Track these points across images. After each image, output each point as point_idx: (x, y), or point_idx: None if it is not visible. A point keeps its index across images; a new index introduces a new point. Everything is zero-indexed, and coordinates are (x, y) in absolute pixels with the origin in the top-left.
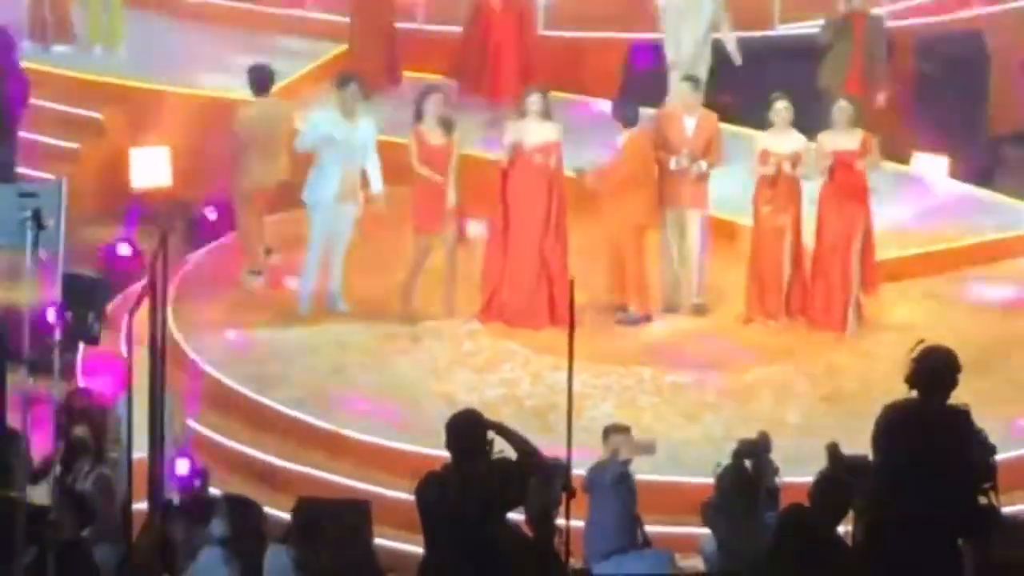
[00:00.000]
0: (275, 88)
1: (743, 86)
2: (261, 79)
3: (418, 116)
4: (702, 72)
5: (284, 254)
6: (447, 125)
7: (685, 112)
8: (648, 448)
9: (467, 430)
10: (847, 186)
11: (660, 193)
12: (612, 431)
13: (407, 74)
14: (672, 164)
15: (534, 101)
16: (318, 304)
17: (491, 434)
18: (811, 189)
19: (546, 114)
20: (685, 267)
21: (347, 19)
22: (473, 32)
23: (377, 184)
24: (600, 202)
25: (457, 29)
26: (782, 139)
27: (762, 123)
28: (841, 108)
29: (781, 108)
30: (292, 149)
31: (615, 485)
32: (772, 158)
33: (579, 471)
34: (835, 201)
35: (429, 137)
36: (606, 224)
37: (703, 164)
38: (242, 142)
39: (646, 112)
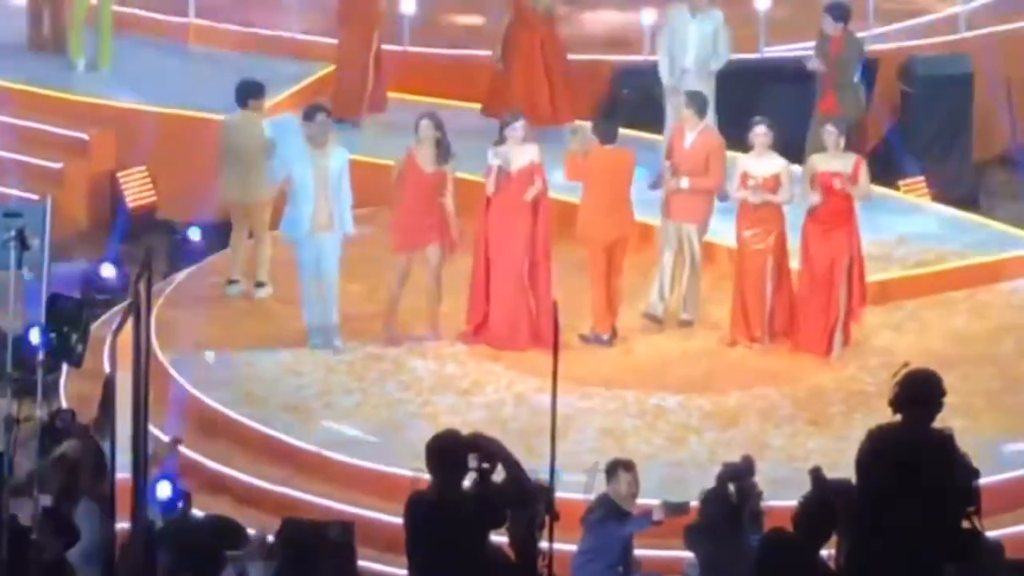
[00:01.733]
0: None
1: (729, 109)
2: (244, 92)
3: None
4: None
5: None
6: (444, 153)
7: (687, 127)
8: (683, 510)
9: (446, 451)
10: (835, 210)
11: (663, 206)
12: (622, 468)
13: (396, 95)
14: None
15: (518, 126)
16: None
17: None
18: (799, 212)
19: (528, 137)
20: (677, 281)
21: (334, 41)
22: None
23: (348, 224)
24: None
25: (443, 51)
26: (762, 162)
27: (747, 147)
28: (828, 132)
29: (760, 132)
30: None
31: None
32: (751, 181)
33: (562, 494)
34: (822, 224)
35: (422, 162)
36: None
37: (684, 180)
38: (220, 154)
39: (627, 134)
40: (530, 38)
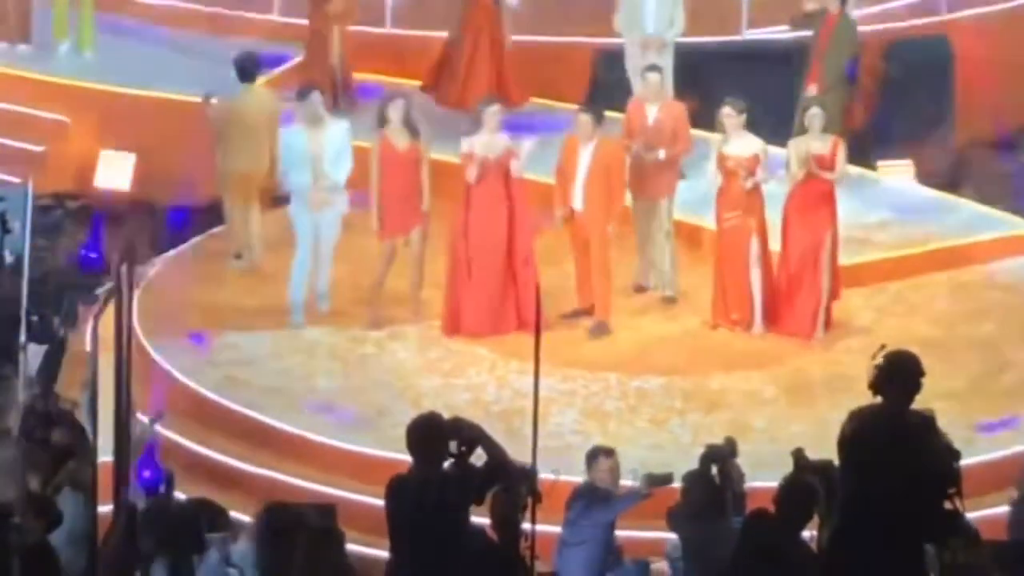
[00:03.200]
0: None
1: (711, 91)
2: (251, 67)
3: (382, 122)
4: (665, 64)
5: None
6: (413, 130)
7: (647, 101)
8: (666, 480)
9: (427, 433)
10: (815, 192)
11: (631, 186)
12: (602, 454)
13: (381, 78)
14: (631, 152)
15: (493, 111)
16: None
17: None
18: (779, 194)
19: (499, 126)
20: (655, 254)
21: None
22: (455, 43)
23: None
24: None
25: (423, 33)
26: (739, 143)
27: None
28: (812, 115)
29: (727, 112)
30: (274, 138)
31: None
32: (729, 162)
33: (545, 475)
34: (803, 207)
35: (395, 142)
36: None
37: (660, 152)
38: (217, 128)
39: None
40: (479, 18)
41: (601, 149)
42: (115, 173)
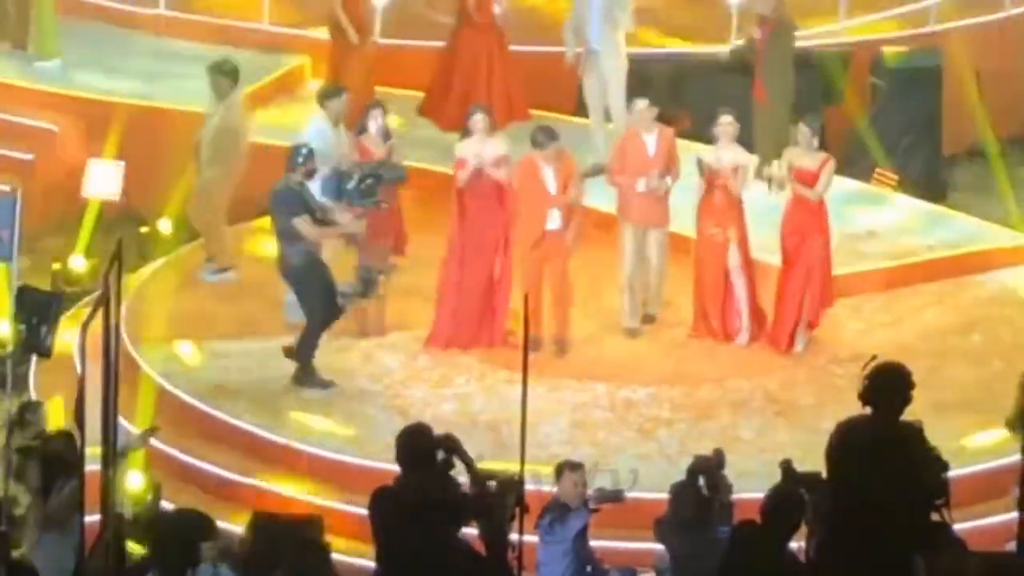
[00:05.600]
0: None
1: (699, 101)
2: (236, 74)
3: (360, 130)
4: (610, 71)
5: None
6: (385, 138)
7: (644, 131)
8: (617, 497)
9: (416, 444)
10: (803, 205)
11: (621, 211)
12: (567, 468)
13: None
14: (640, 186)
15: (479, 119)
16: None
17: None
18: (762, 204)
19: (491, 130)
20: (644, 283)
21: (299, 32)
22: (452, 65)
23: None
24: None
25: (405, 43)
26: (725, 153)
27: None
28: (801, 131)
29: (725, 122)
30: (245, 154)
31: (575, 538)
32: (712, 172)
33: (533, 487)
34: (792, 219)
35: (372, 150)
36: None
37: (669, 181)
38: (197, 142)
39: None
40: (476, 41)
41: (564, 165)
42: (104, 181)
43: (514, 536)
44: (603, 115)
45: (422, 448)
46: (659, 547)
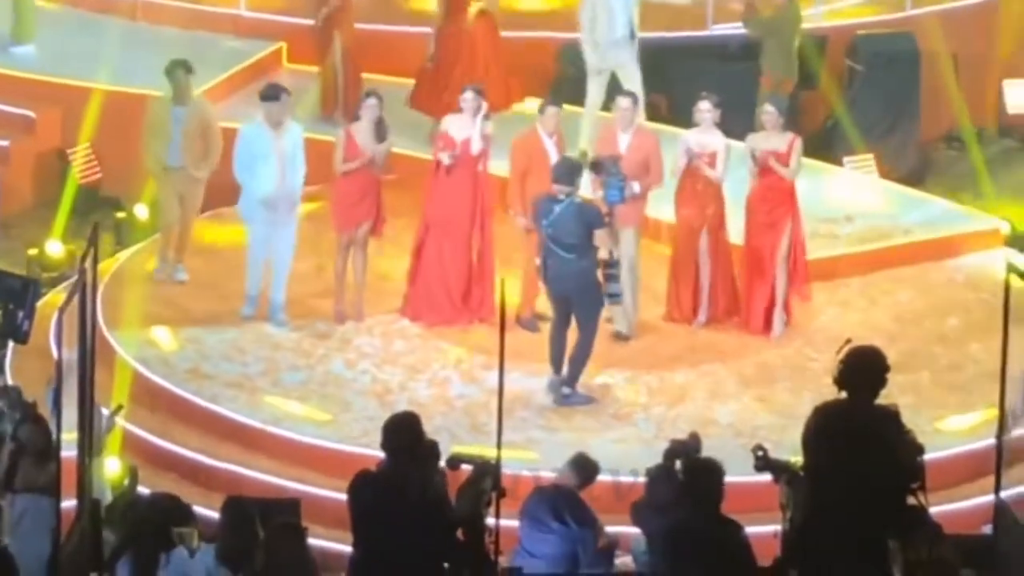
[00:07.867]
0: (207, 87)
1: (678, 87)
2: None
3: (354, 118)
4: (630, 75)
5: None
6: (380, 133)
7: (620, 129)
8: (613, 544)
9: (403, 431)
10: (774, 188)
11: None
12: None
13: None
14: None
15: (469, 97)
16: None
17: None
18: (738, 190)
19: (478, 111)
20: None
21: (277, 18)
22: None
23: (296, 199)
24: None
25: (388, 28)
26: (703, 138)
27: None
28: (767, 112)
29: (704, 107)
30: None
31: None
32: (690, 155)
33: (509, 471)
34: (763, 203)
35: (360, 139)
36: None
37: (635, 186)
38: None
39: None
40: (470, 29)
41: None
42: (84, 167)
43: (491, 520)
44: (599, 108)
45: (407, 436)
46: (636, 531)
